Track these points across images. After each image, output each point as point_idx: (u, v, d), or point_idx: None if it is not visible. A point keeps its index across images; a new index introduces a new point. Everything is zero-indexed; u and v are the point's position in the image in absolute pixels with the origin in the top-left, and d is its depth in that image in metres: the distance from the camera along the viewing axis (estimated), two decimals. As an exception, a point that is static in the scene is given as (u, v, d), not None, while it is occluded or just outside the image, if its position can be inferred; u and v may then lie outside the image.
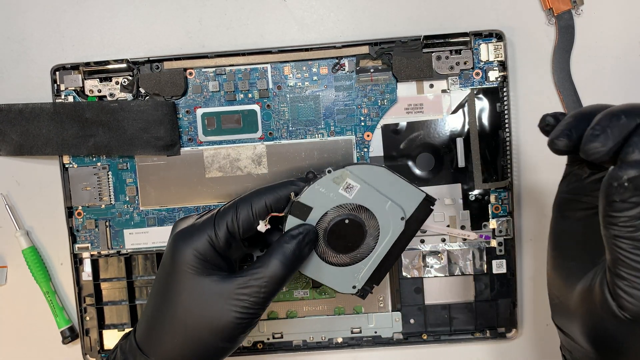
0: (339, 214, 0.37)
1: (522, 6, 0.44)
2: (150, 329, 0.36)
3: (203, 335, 0.35)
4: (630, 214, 0.26)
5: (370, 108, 0.44)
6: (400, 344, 0.45)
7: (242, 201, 0.37)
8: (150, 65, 0.43)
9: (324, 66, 0.43)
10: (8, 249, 0.46)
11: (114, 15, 0.45)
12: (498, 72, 0.43)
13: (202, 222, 0.37)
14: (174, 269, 0.36)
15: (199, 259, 0.35)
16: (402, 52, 0.43)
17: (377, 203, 0.37)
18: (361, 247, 0.38)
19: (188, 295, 0.35)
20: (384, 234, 0.38)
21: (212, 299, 0.35)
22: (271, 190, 0.37)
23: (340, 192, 0.37)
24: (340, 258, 0.38)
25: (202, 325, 0.35)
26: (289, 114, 0.44)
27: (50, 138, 0.43)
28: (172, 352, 0.36)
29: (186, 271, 0.35)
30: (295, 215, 0.37)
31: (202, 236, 0.36)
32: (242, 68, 0.44)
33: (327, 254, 0.38)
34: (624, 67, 0.44)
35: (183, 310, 0.35)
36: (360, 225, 0.37)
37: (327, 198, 0.37)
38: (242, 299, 0.35)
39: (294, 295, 0.45)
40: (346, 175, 0.37)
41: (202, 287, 0.35)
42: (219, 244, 0.36)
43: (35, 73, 0.45)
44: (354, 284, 0.38)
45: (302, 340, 0.45)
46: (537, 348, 0.45)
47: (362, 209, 0.37)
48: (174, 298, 0.36)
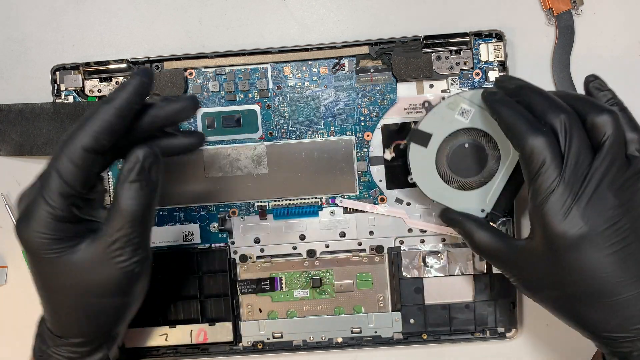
0: (457, 138, 0.39)
1: (522, 6, 0.44)
2: (50, 315, 0.35)
3: (101, 302, 0.34)
4: None
5: (370, 108, 0.44)
6: (400, 344, 0.45)
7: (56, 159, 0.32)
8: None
9: (324, 66, 0.43)
10: (8, 249, 0.46)
11: (114, 15, 0.45)
12: (498, 72, 0.43)
13: (32, 199, 0.32)
14: (34, 260, 0.33)
15: (50, 239, 0.32)
16: (402, 52, 0.43)
17: (494, 125, 0.36)
18: (485, 171, 0.39)
19: (64, 278, 0.33)
20: (505, 155, 0.39)
21: (88, 271, 0.33)
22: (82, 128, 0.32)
23: (457, 117, 0.39)
24: (465, 183, 0.40)
25: (94, 295, 0.34)
26: (289, 114, 0.44)
27: (50, 138, 0.43)
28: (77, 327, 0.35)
29: (45, 258, 0.32)
30: (416, 142, 0.39)
31: (38, 215, 0.32)
32: (242, 68, 0.44)
33: (451, 179, 0.40)
34: (624, 67, 0.44)
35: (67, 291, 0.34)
36: (480, 148, 0.39)
37: (445, 124, 0.39)
38: (118, 254, 0.33)
39: (294, 295, 0.45)
40: (460, 101, 0.38)
41: (72, 265, 0.33)
42: (62, 214, 0.32)
43: (35, 73, 0.45)
44: (482, 208, 0.40)
45: (302, 340, 0.45)
46: (536, 348, 0.45)
47: (480, 133, 0.39)
48: (51, 284, 0.34)
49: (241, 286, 0.45)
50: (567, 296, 0.33)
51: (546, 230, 0.32)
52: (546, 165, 0.32)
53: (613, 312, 0.32)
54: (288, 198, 0.44)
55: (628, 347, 0.32)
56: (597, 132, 0.32)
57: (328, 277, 0.45)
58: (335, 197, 0.44)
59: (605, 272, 0.31)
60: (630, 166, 0.33)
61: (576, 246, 0.32)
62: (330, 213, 0.44)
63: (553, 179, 0.32)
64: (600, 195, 0.31)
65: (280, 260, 0.45)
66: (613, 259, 0.31)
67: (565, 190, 0.32)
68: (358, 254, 0.44)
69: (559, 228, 0.32)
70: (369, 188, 0.44)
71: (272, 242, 0.44)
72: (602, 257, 0.31)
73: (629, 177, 0.32)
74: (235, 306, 0.45)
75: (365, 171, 0.44)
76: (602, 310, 0.32)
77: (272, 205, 0.44)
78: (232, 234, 0.44)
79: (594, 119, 0.32)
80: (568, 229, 0.31)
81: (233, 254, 0.45)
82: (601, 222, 0.31)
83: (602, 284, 0.32)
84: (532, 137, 0.32)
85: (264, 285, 0.45)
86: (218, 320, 0.44)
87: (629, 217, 0.32)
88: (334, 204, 0.44)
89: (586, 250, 0.31)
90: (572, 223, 0.31)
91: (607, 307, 0.32)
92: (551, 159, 0.32)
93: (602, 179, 0.32)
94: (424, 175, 0.40)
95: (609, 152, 0.32)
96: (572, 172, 0.32)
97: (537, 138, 0.32)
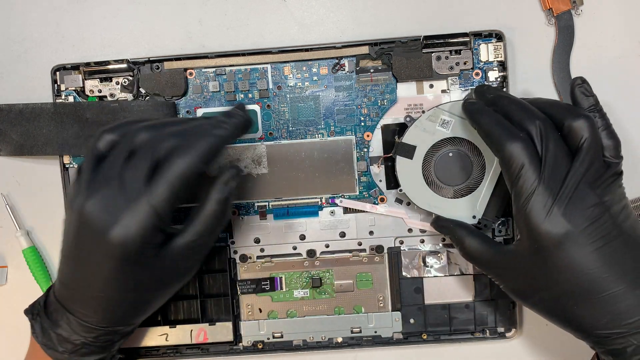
0: (441, 148, 0.41)
1: (522, 6, 0.44)
2: (103, 308, 0.35)
3: (154, 296, 0.37)
4: None
5: (370, 108, 0.44)
6: (400, 344, 0.45)
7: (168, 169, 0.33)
8: (150, 66, 0.43)
9: (324, 66, 0.43)
10: (8, 249, 0.46)
11: (114, 15, 0.45)
12: (498, 73, 0.43)
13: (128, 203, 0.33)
14: (121, 260, 0.33)
15: (149, 244, 0.34)
16: (402, 52, 0.43)
17: (475, 133, 0.38)
18: (471, 177, 0.41)
19: (143, 276, 0.35)
20: (489, 162, 0.40)
21: (164, 269, 0.36)
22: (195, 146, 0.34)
23: (438, 128, 0.41)
24: (454, 190, 0.41)
25: (151, 289, 0.37)
26: (289, 114, 0.44)
27: (50, 138, 0.43)
28: (129, 318, 0.37)
29: (137, 260, 0.33)
30: (402, 155, 0.41)
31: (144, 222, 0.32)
32: (242, 68, 0.44)
33: (441, 188, 0.41)
34: (624, 67, 0.44)
35: (141, 286, 0.35)
36: (464, 155, 0.40)
37: (427, 135, 0.41)
38: (191, 254, 0.37)
39: (294, 295, 0.45)
40: (439, 113, 0.40)
41: (155, 264, 0.35)
42: (167, 223, 0.34)
43: (36, 73, 0.45)
44: (474, 214, 0.41)
45: (302, 340, 0.45)
46: (536, 348, 0.45)
47: (463, 141, 0.41)
48: (127, 282, 0.35)
49: (241, 286, 0.45)
50: (556, 297, 0.34)
51: (531, 231, 0.33)
52: (525, 168, 0.33)
53: (602, 309, 0.32)
54: (288, 198, 0.44)
55: (621, 344, 0.32)
56: (575, 136, 0.34)
57: (328, 277, 0.45)
58: (335, 197, 0.44)
59: (591, 269, 0.32)
60: (608, 168, 0.34)
61: (560, 245, 0.32)
62: (330, 213, 0.44)
63: (533, 180, 0.33)
64: (580, 195, 0.32)
65: (280, 260, 0.45)
66: (597, 255, 0.32)
67: (546, 191, 0.32)
68: (358, 254, 0.44)
69: (542, 228, 0.32)
70: (369, 188, 0.44)
71: (272, 242, 0.44)
72: (586, 255, 0.32)
73: (607, 178, 0.33)
74: (235, 306, 0.45)
75: (365, 171, 0.44)
76: (591, 308, 0.32)
77: (272, 205, 0.44)
78: (232, 234, 0.44)
79: (571, 123, 0.34)
80: (551, 229, 0.32)
81: (233, 253, 0.45)
82: (583, 220, 0.32)
83: (588, 281, 0.32)
84: (510, 143, 0.33)
85: (264, 285, 0.45)
86: (218, 320, 0.44)
87: (610, 214, 0.33)
88: (334, 204, 0.44)
89: (570, 249, 0.32)
90: (554, 222, 0.32)
91: (596, 305, 0.32)
92: (529, 162, 0.33)
93: (582, 178, 0.33)
94: (413, 186, 0.41)
95: (587, 154, 0.33)
96: (551, 173, 0.33)
97: (514, 143, 0.33)
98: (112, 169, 0.33)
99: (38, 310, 0.37)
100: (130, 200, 0.32)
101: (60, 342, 0.36)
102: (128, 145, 0.34)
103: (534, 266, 0.34)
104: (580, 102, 0.36)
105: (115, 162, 0.33)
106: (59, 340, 0.36)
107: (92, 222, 0.32)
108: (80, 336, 0.36)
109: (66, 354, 0.36)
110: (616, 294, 0.32)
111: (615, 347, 0.32)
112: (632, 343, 0.32)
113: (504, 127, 0.35)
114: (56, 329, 0.36)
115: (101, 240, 0.32)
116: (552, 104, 0.36)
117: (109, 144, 0.35)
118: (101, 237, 0.32)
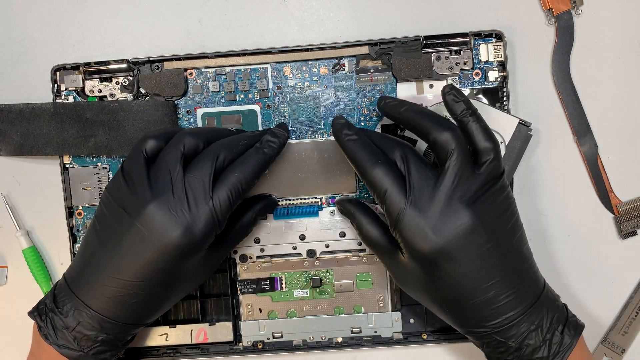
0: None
1: (522, 6, 0.44)
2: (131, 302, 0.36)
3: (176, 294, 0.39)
4: None
5: (370, 108, 0.44)
6: (400, 344, 0.45)
7: (229, 176, 0.36)
8: (150, 66, 0.43)
9: (324, 66, 0.43)
10: (8, 249, 0.46)
11: (114, 15, 0.45)
12: (498, 73, 0.43)
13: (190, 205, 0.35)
14: (173, 257, 0.35)
15: (202, 251, 0.36)
16: (402, 53, 0.43)
17: None
18: None
19: (183, 274, 0.37)
20: None
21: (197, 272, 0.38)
22: (251, 161, 0.38)
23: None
24: None
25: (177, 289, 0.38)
26: (289, 114, 0.44)
27: (50, 138, 0.43)
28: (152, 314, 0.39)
29: (188, 257, 0.36)
30: None
31: (206, 223, 0.35)
32: (242, 68, 0.44)
33: None
34: (624, 67, 0.44)
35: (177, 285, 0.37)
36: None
37: None
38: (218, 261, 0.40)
39: (294, 295, 0.45)
40: (441, 108, 0.40)
41: (195, 264, 0.37)
42: (222, 226, 0.37)
43: (36, 73, 0.45)
44: None
45: (302, 340, 0.45)
46: (536, 348, 0.45)
47: None
48: (169, 279, 0.36)
49: (241, 286, 0.45)
50: (438, 301, 0.36)
51: (407, 249, 0.35)
52: (388, 192, 0.34)
53: (472, 313, 0.35)
54: (288, 198, 0.44)
55: (486, 339, 0.36)
56: (441, 150, 0.34)
57: (328, 277, 0.45)
58: (335, 197, 0.44)
59: (464, 280, 0.34)
60: (478, 178, 0.34)
61: (434, 261, 0.34)
62: (330, 213, 0.44)
63: (398, 203, 0.34)
64: (451, 210, 0.33)
65: (280, 260, 0.45)
66: (470, 268, 0.34)
67: (414, 212, 0.34)
68: (358, 254, 0.44)
69: (415, 247, 0.34)
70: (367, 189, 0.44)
71: (272, 242, 0.44)
72: (460, 268, 0.34)
73: (478, 189, 0.34)
74: (235, 306, 0.45)
75: (365, 171, 0.44)
76: (464, 312, 0.35)
77: (272, 205, 0.44)
78: (232, 234, 0.45)
79: (436, 137, 0.35)
80: (423, 247, 0.34)
81: (233, 253, 0.45)
82: (455, 236, 0.33)
83: (463, 290, 0.34)
84: (371, 170, 0.35)
85: (264, 285, 0.45)
86: (218, 320, 0.44)
87: (484, 227, 0.33)
88: (334, 204, 0.44)
89: (444, 264, 0.34)
90: (426, 241, 0.33)
91: (467, 310, 0.35)
92: (392, 186, 0.34)
93: (451, 195, 0.33)
94: None
95: (453, 169, 0.34)
96: (418, 193, 0.34)
97: (375, 169, 0.35)
98: (172, 173, 0.35)
99: (46, 310, 0.37)
100: (195, 205, 0.35)
101: (79, 340, 0.36)
102: (180, 151, 0.36)
103: (418, 275, 0.35)
104: (452, 108, 0.36)
105: (174, 166, 0.35)
106: (77, 338, 0.36)
107: (155, 222, 0.34)
108: (102, 333, 0.36)
109: (83, 352, 0.36)
110: (482, 302, 0.34)
111: (484, 341, 0.36)
112: (494, 338, 0.35)
113: (367, 152, 0.36)
114: (74, 327, 0.36)
115: (162, 239, 0.34)
116: (420, 116, 0.36)
117: (155, 148, 0.37)
118: (163, 237, 0.34)
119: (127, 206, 0.35)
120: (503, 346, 0.35)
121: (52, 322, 0.36)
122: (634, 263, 0.44)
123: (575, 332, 0.35)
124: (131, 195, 0.35)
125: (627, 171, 0.44)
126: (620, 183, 0.44)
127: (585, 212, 0.44)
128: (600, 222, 0.44)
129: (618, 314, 0.44)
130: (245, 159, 0.37)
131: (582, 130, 0.44)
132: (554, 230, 0.44)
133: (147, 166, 0.36)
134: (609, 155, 0.44)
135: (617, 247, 0.45)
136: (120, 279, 0.35)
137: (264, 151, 0.38)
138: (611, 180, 0.44)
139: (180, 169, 0.35)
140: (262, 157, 0.38)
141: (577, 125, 0.44)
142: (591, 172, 0.44)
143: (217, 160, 0.36)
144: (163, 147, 0.37)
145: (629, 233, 0.44)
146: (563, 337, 0.34)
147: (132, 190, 0.35)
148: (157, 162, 0.36)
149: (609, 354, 0.44)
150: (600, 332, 0.44)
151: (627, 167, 0.44)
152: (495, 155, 0.35)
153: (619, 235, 0.44)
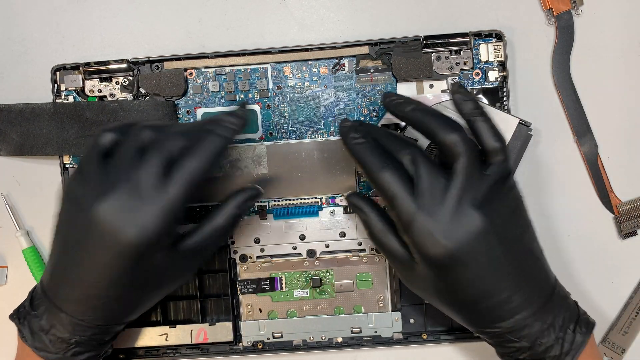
0: None
1: (522, 6, 0.44)
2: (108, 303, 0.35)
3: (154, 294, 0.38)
4: None
5: (370, 108, 0.44)
6: (400, 344, 0.45)
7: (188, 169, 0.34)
8: (150, 66, 0.43)
9: (324, 66, 0.43)
10: (8, 249, 0.46)
11: (114, 15, 0.45)
12: (498, 73, 0.43)
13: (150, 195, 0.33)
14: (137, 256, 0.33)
15: (162, 248, 0.34)
16: (402, 52, 0.43)
17: None
18: None
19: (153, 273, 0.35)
20: None
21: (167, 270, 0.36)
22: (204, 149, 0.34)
23: None
24: None
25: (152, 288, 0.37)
26: (289, 114, 0.44)
27: (50, 138, 0.43)
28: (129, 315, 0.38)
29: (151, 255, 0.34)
30: None
31: (159, 218, 0.33)
32: (242, 68, 0.44)
33: None
34: (624, 67, 0.44)
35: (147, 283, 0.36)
36: None
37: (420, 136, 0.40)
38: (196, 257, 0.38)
39: (294, 295, 0.45)
40: (441, 108, 0.40)
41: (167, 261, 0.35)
42: (179, 220, 0.34)
43: (36, 73, 0.45)
44: None
45: (302, 340, 0.45)
46: (536, 348, 0.45)
47: None
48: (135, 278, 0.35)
49: (241, 286, 0.45)
50: (449, 303, 0.36)
51: (417, 253, 0.34)
52: (398, 197, 0.33)
53: (485, 314, 0.35)
54: (288, 198, 0.44)
55: (499, 338, 0.35)
56: (449, 152, 0.34)
57: (328, 277, 0.45)
58: (335, 197, 0.44)
59: (478, 283, 0.34)
60: (488, 179, 0.34)
61: (446, 265, 0.33)
62: (330, 213, 0.44)
63: (408, 207, 0.33)
64: (462, 214, 0.33)
65: (280, 260, 0.45)
66: (483, 271, 0.33)
67: (425, 216, 0.33)
68: (358, 254, 0.44)
69: (427, 252, 0.33)
70: (369, 188, 0.44)
71: (272, 242, 0.44)
72: (472, 271, 0.33)
73: (488, 190, 0.33)
74: (235, 306, 0.45)
75: (365, 171, 0.44)
76: (477, 313, 0.35)
77: (272, 205, 0.44)
78: (232, 234, 0.44)
79: (444, 139, 0.34)
80: (435, 252, 0.33)
81: (233, 253, 0.45)
82: (467, 239, 0.33)
83: (474, 293, 0.34)
84: (379, 174, 0.34)
85: (264, 285, 0.45)
86: (218, 320, 0.44)
87: (495, 229, 0.33)
88: (334, 204, 0.44)
89: (457, 268, 0.33)
90: (437, 246, 0.33)
91: (479, 311, 0.35)
92: (401, 191, 0.33)
93: (461, 198, 0.33)
94: None
95: (462, 172, 0.33)
96: (428, 198, 0.33)
97: (382, 174, 0.34)
98: (123, 168, 0.33)
99: (24, 313, 0.37)
100: (146, 200, 0.33)
101: (54, 342, 0.35)
102: (135, 144, 0.34)
103: (429, 279, 0.35)
104: (460, 108, 0.36)
105: (125, 160, 0.33)
106: (52, 341, 0.35)
107: (106, 222, 0.32)
108: (75, 335, 0.35)
109: (60, 354, 0.36)
110: (493, 305, 0.34)
111: (496, 340, 0.36)
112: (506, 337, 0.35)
113: (374, 156, 0.35)
114: (48, 329, 0.35)
115: (114, 240, 0.32)
116: (428, 117, 0.35)
117: (112, 142, 0.35)
118: (115, 238, 0.32)
119: (80, 204, 0.33)
120: (515, 345, 0.35)
121: (30, 325, 0.36)
122: (634, 263, 0.44)
123: (587, 329, 0.35)
124: (84, 193, 0.33)
125: (627, 171, 0.44)
126: (620, 183, 0.44)
127: (585, 212, 0.44)
128: (600, 222, 0.45)
129: (618, 314, 0.44)
130: (198, 144, 0.34)
131: (582, 130, 0.44)
132: (553, 231, 0.44)
133: (101, 162, 0.34)
134: (609, 155, 0.44)
135: (617, 247, 0.45)
136: (83, 280, 0.34)
137: (218, 133, 0.35)
138: (611, 180, 0.44)
139: (132, 163, 0.33)
140: (216, 140, 0.35)
141: (577, 125, 0.44)
142: (591, 172, 0.44)
143: (169, 150, 0.34)
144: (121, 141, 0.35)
145: (629, 233, 0.44)
146: (575, 335, 0.34)
147: (84, 187, 0.34)
148: (112, 157, 0.34)
149: (609, 354, 0.44)
150: (600, 332, 0.44)
151: (627, 167, 0.44)
152: (504, 155, 0.34)
153: (619, 235, 0.44)
